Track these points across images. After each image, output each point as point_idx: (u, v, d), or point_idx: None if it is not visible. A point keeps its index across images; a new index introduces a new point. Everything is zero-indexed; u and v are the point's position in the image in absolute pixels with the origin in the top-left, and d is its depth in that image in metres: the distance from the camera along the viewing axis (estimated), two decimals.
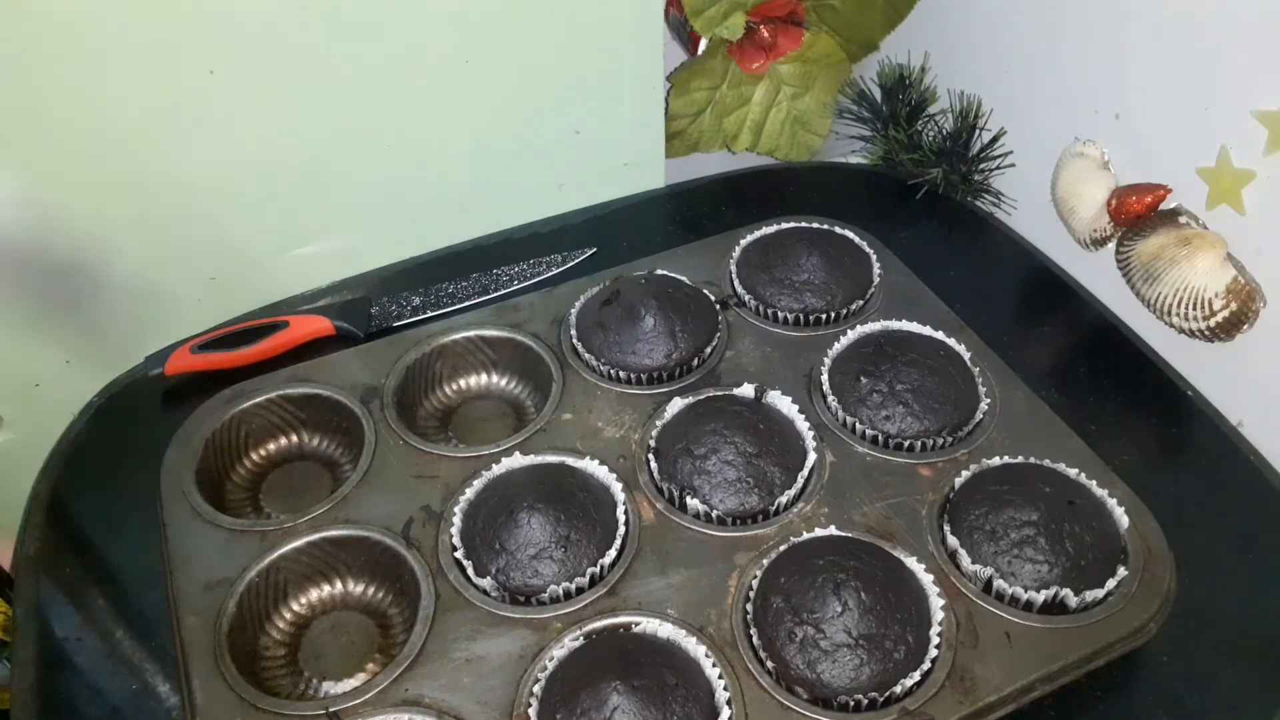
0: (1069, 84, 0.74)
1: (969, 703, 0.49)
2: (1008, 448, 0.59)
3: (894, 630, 0.50)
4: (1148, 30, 0.67)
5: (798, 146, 0.90)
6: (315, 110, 0.71)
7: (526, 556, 0.53)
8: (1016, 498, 0.54)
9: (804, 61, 0.87)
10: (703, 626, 0.52)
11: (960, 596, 0.53)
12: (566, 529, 0.54)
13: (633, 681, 0.47)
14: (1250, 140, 0.61)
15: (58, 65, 0.61)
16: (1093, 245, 0.72)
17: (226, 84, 0.66)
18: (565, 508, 0.54)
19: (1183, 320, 0.65)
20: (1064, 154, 0.75)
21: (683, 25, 0.85)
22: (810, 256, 0.70)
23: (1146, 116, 0.69)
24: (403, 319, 0.73)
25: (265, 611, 0.55)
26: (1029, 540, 0.53)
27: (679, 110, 0.87)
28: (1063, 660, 0.51)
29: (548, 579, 0.53)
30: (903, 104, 0.85)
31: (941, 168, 0.82)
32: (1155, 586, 0.53)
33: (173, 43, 0.63)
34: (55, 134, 0.64)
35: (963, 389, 0.62)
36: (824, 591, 0.50)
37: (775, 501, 0.57)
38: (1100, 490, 0.56)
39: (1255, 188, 0.62)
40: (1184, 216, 0.66)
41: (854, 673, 0.49)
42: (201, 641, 0.52)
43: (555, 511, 0.54)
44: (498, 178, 0.81)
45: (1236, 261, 0.64)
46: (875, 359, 0.62)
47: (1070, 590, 0.52)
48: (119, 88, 0.64)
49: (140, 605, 0.58)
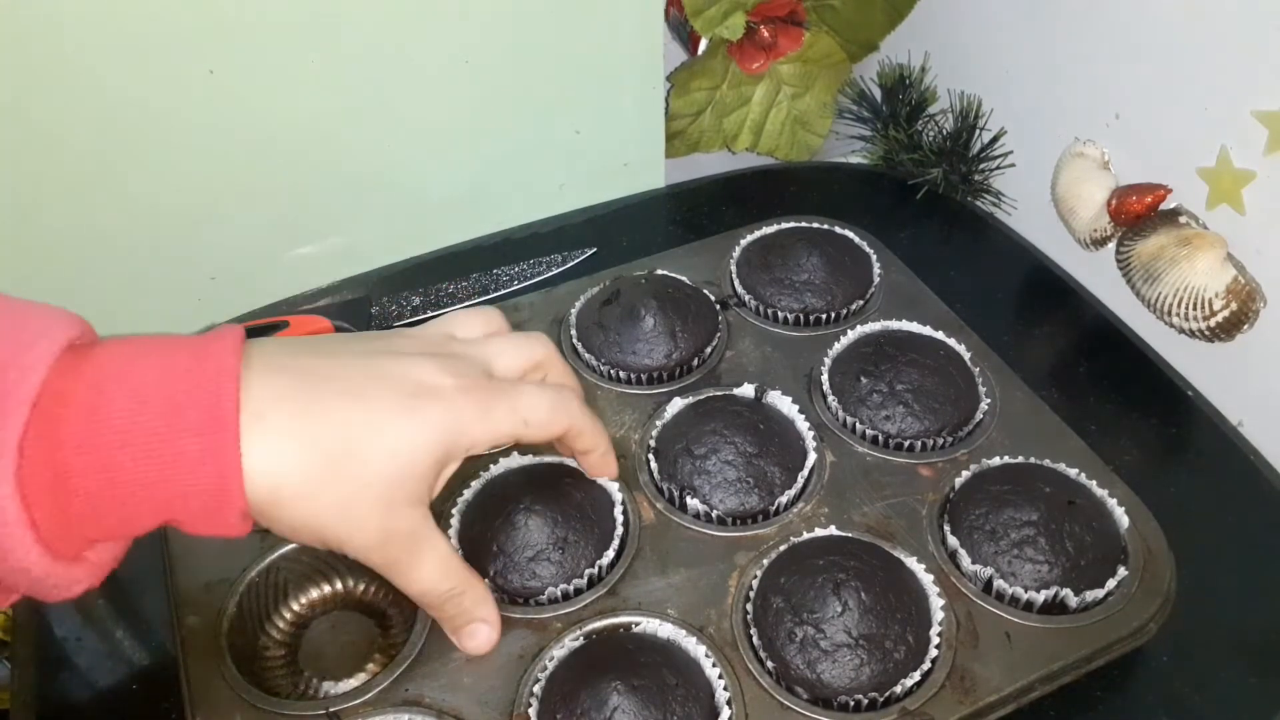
0: (1069, 84, 0.74)
1: (969, 703, 0.49)
2: (1008, 448, 0.59)
3: (894, 630, 0.50)
4: (1147, 30, 0.67)
5: (798, 146, 0.90)
6: (315, 110, 0.71)
7: (524, 559, 0.53)
8: (1017, 498, 0.54)
9: (804, 61, 0.87)
10: (703, 626, 0.52)
11: (960, 596, 0.53)
12: (564, 530, 0.54)
13: (633, 681, 0.47)
14: (1250, 140, 0.61)
15: (56, 64, 0.61)
16: (1093, 245, 0.72)
17: (226, 83, 0.66)
18: (563, 509, 0.54)
19: (1183, 320, 0.65)
20: (1064, 154, 0.75)
21: (683, 25, 0.85)
22: (810, 256, 0.70)
23: (1146, 116, 0.69)
24: (403, 319, 0.73)
25: (265, 611, 0.55)
26: (1029, 540, 0.53)
27: (679, 110, 0.87)
28: (1063, 660, 0.50)
29: (545, 581, 0.53)
30: (903, 104, 0.85)
31: (941, 168, 0.82)
32: (1155, 586, 0.53)
33: (172, 42, 0.63)
34: (53, 133, 0.64)
35: (963, 389, 0.62)
36: (824, 591, 0.50)
37: (775, 501, 0.57)
38: (1100, 490, 0.56)
39: (1255, 188, 0.62)
40: (1184, 216, 0.66)
41: (854, 673, 0.49)
42: (201, 641, 0.51)
43: (553, 513, 0.54)
44: (498, 178, 0.81)
45: (1237, 261, 0.64)
46: (875, 359, 0.62)
47: (1070, 590, 0.52)
48: (118, 87, 0.64)
49: (140, 605, 0.58)
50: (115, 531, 0.38)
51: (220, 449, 0.37)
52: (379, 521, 0.42)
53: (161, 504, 0.37)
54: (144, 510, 0.37)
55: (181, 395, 0.37)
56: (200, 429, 0.37)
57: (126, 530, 0.39)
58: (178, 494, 0.37)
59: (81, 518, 0.36)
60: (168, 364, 0.38)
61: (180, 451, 0.37)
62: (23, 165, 0.64)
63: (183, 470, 0.37)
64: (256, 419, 0.38)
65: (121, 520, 0.37)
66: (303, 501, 0.40)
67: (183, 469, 0.37)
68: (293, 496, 0.40)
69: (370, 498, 0.42)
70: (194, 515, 0.38)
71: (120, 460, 0.36)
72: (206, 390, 0.37)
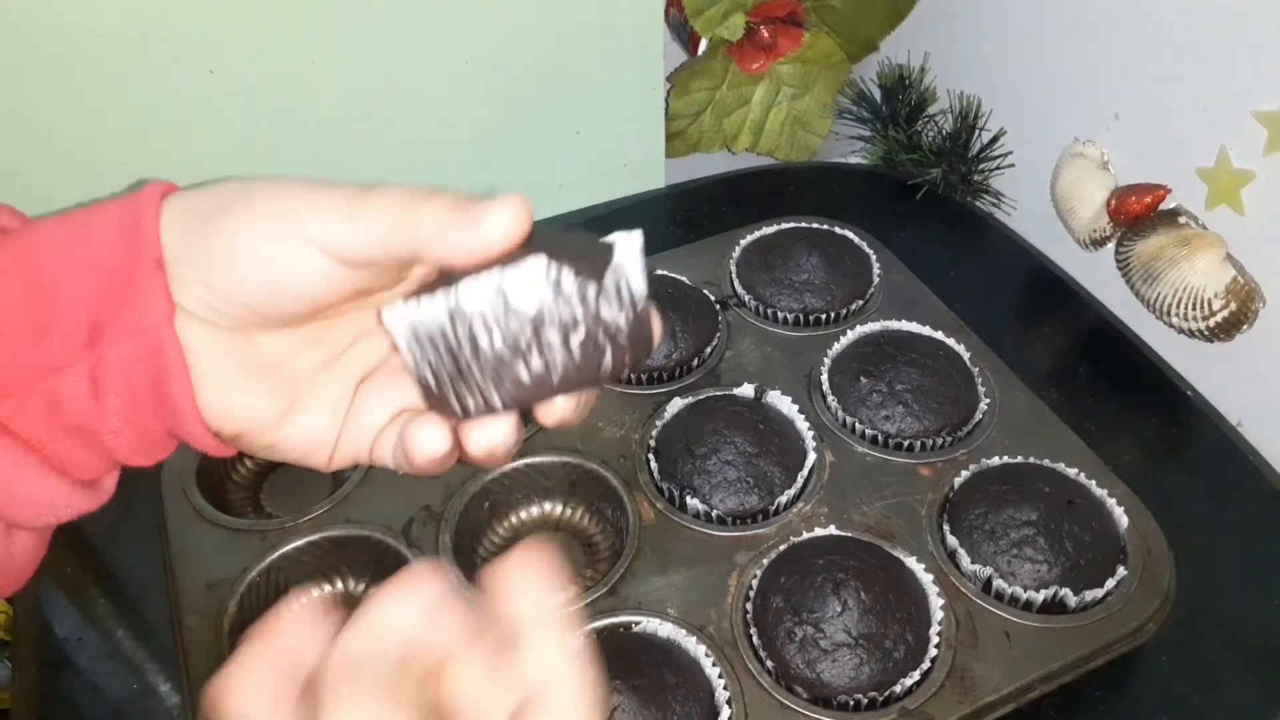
0: (1068, 84, 0.74)
1: (969, 702, 0.49)
2: (1007, 447, 0.59)
3: (894, 630, 0.50)
4: (1147, 30, 0.67)
5: (797, 147, 0.90)
6: (314, 110, 0.71)
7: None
8: (1016, 497, 0.55)
9: (804, 62, 0.87)
10: (703, 626, 0.52)
11: (960, 596, 0.53)
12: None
13: (633, 681, 0.47)
14: (1250, 140, 0.61)
15: (55, 64, 0.61)
16: (1092, 245, 0.72)
17: (226, 84, 0.66)
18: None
19: (1182, 320, 0.65)
20: (1063, 154, 0.75)
21: (683, 25, 0.85)
22: (810, 256, 0.70)
23: (1146, 116, 0.69)
24: None
25: (267, 609, 0.55)
26: (1028, 540, 0.53)
27: (679, 110, 0.87)
28: (1062, 660, 0.51)
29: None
30: (902, 104, 0.85)
31: (941, 168, 0.82)
32: (1154, 586, 0.53)
33: (172, 42, 0.63)
34: (51, 133, 0.64)
35: (962, 389, 0.62)
36: (824, 591, 0.50)
37: (775, 501, 0.57)
38: (1099, 490, 0.56)
39: (1254, 188, 0.62)
40: (1183, 217, 0.66)
41: (854, 672, 0.49)
42: (201, 641, 0.52)
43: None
44: (498, 178, 0.81)
45: (1236, 261, 0.64)
46: (875, 359, 0.62)
47: (1070, 590, 0.52)
48: (118, 87, 0.64)
49: (140, 605, 0.58)
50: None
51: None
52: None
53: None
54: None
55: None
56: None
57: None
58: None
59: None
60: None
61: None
62: (20, 164, 0.64)
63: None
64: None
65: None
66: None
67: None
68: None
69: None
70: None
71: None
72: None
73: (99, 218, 0.36)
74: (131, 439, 0.36)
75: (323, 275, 0.34)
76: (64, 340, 0.35)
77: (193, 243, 0.35)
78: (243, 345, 0.37)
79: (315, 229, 0.34)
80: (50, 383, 0.35)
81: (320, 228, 0.34)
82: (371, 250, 0.34)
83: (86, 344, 0.35)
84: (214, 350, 0.36)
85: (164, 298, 0.35)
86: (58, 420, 0.35)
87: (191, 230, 0.35)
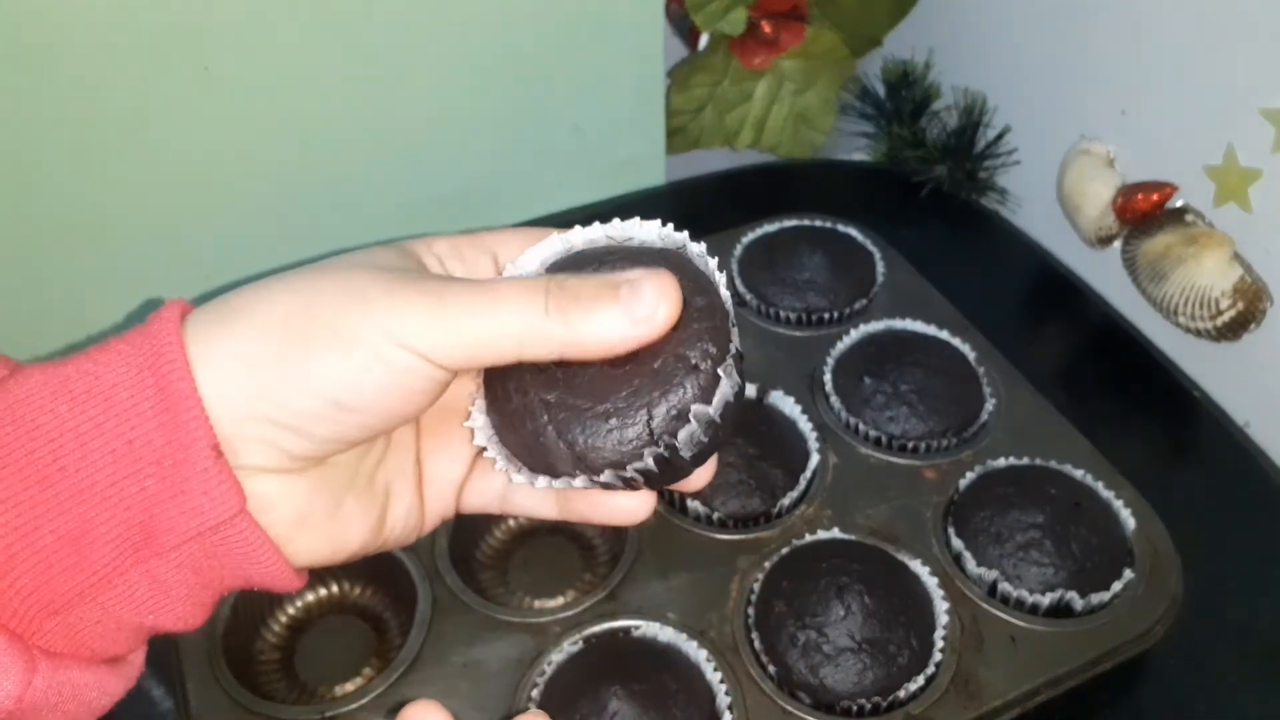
0: (1074, 81, 0.74)
1: (974, 707, 0.48)
2: (1013, 449, 0.59)
3: (898, 634, 0.49)
4: (1155, 27, 0.66)
5: (800, 143, 0.89)
6: (312, 108, 0.70)
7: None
8: (1022, 500, 0.54)
9: (807, 57, 0.86)
10: (704, 630, 0.51)
11: (965, 600, 0.52)
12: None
13: (632, 686, 0.46)
14: (1258, 138, 0.60)
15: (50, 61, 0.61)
16: (1099, 243, 0.71)
17: (221, 81, 0.66)
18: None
19: (1189, 320, 0.64)
20: (1069, 151, 0.74)
21: (683, 20, 0.85)
22: (813, 255, 0.69)
23: (1153, 114, 0.68)
24: None
25: (260, 615, 0.54)
26: (1034, 543, 0.52)
27: (680, 106, 0.86)
28: (1068, 664, 0.50)
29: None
30: (907, 100, 0.84)
31: (946, 165, 0.82)
32: (1162, 589, 0.52)
33: (166, 39, 0.63)
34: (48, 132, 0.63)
35: (967, 389, 0.61)
36: (827, 595, 0.50)
37: (777, 504, 0.56)
38: (1106, 492, 0.56)
39: (1262, 186, 0.61)
40: (1191, 215, 0.66)
41: (857, 677, 0.48)
42: (196, 645, 0.51)
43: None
44: (497, 175, 0.81)
45: (1243, 260, 0.63)
46: (879, 359, 0.62)
47: (1076, 593, 0.51)
48: (113, 85, 0.63)
49: None
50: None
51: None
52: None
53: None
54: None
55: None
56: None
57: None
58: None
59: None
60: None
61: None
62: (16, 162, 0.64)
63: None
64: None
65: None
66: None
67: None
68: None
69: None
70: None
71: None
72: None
73: (114, 391, 0.30)
74: (183, 610, 0.33)
75: (431, 384, 0.32)
76: (108, 550, 0.30)
77: (264, 396, 0.30)
78: (322, 474, 0.33)
79: (424, 344, 0.31)
80: (102, 597, 0.30)
81: (428, 343, 0.31)
82: (489, 358, 0.31)
83: (136, 549, 0.30)
84: (298, 496, 0.32)
85: (231, 489, 0.30)
86: (110, 621, 0.31)
87: (248, 383, 0.30)
